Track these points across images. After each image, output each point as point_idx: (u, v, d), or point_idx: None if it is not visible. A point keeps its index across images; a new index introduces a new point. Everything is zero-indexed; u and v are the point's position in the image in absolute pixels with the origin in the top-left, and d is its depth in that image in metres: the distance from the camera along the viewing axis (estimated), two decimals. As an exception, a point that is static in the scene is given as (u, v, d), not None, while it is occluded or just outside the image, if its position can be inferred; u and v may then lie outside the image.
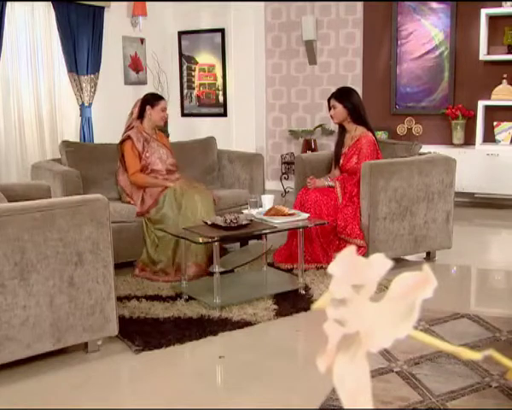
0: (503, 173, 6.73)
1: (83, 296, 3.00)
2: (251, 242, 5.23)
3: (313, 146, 7.95)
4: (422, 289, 0.43)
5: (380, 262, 0.45)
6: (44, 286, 2.87)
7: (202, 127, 8.12)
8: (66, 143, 5.09)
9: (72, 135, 6.87)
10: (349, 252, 0.47)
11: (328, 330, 0.47)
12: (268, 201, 4.40)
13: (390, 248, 4.62)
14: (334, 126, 7.99)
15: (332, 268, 0.48)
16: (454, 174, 4.85)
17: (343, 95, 4.90)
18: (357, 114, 4.85)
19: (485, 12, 6.75)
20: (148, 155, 4.81)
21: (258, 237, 4.54)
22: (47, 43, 6.70)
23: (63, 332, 2.97)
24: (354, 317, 0.44)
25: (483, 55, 6.86)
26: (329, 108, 4.93)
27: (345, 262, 0.46)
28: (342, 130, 4.99)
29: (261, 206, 4.37)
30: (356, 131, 4.87)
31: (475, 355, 0.46)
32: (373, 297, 0.50)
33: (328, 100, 4.94)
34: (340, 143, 5.00)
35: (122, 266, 4.44)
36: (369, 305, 0.44)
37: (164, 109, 4.89)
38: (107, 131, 6.97)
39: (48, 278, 2.88)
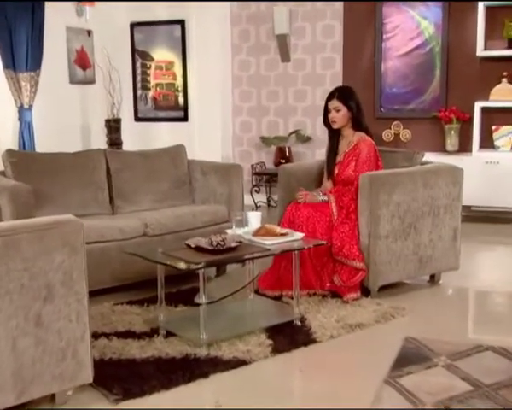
0: (504, 183, 6.78)
1: (52, 338, 2.83)
2: (230, 266, 5.10)
3: (287, 155, 7.88)
4: None
5: None
6: (6, 327, 2.70)
7: (160, 133, 8.06)
8: (10, 153, 4.88)
9: (9, 142, 6.67)
10: None
11: None
12: (255, 219, 4.28)
13: (393, 271, 4.56)
14: (310, 132, 7.96)
15: None
16: (461, 186, 4.83)
17: (346, 95, 4.83)
18: (358, 118, 4.78)
19: (482, 2, 6.82)
20: None
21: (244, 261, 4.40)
22: (-22, 36, 6.49)
23: (28, 383, 2.79)
24: None
25: (480, 50, 6.93)
26: (326, 112, 4.84)
27: None
28: (332, 135, 4.91)
29: (247, 224, 4.25)
30: (354, 136, 4.80)
31: None
32: None
33: (327, 102, 4.85)
34: (332, 151, 4.91)
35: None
36: None
37: None
38: (51, 138, 6.84)
39: (10, 317, 2.71)
